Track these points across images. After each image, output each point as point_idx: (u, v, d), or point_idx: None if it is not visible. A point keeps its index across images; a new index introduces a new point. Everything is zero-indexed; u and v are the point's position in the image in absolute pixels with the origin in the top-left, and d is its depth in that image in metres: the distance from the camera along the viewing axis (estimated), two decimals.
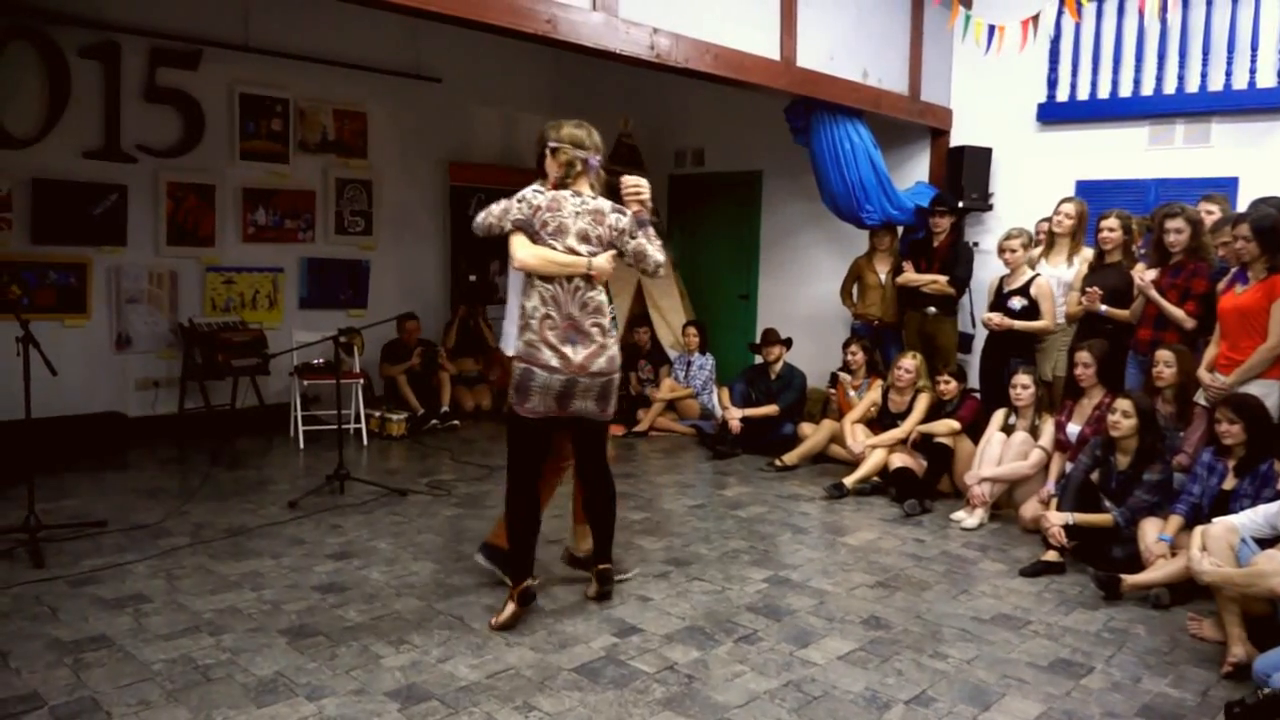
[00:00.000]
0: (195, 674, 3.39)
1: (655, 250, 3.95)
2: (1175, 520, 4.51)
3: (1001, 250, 6.21)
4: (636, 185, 3.99)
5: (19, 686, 3.25)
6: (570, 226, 3.80)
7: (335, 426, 6.30)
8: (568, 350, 3.78)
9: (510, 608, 3.88)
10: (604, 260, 3.83)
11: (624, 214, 3.94)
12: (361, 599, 4.14)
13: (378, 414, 7.60)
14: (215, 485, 5.94)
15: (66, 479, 5.94)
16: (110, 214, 7.06)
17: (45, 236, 6.77)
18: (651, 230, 3.98)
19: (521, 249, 3.75)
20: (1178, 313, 5.20)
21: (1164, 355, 5.07)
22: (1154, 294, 5.26)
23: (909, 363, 6.36)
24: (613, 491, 4.19)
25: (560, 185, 3.87)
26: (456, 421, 7.91)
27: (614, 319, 4.07)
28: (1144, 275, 5.35)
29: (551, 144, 3.88)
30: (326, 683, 3.35)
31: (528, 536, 3.97)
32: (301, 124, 8.04)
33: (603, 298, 3.89)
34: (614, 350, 3.92)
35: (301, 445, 7.12)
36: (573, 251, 3.79)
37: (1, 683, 3.27)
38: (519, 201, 3.80)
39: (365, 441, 7.32)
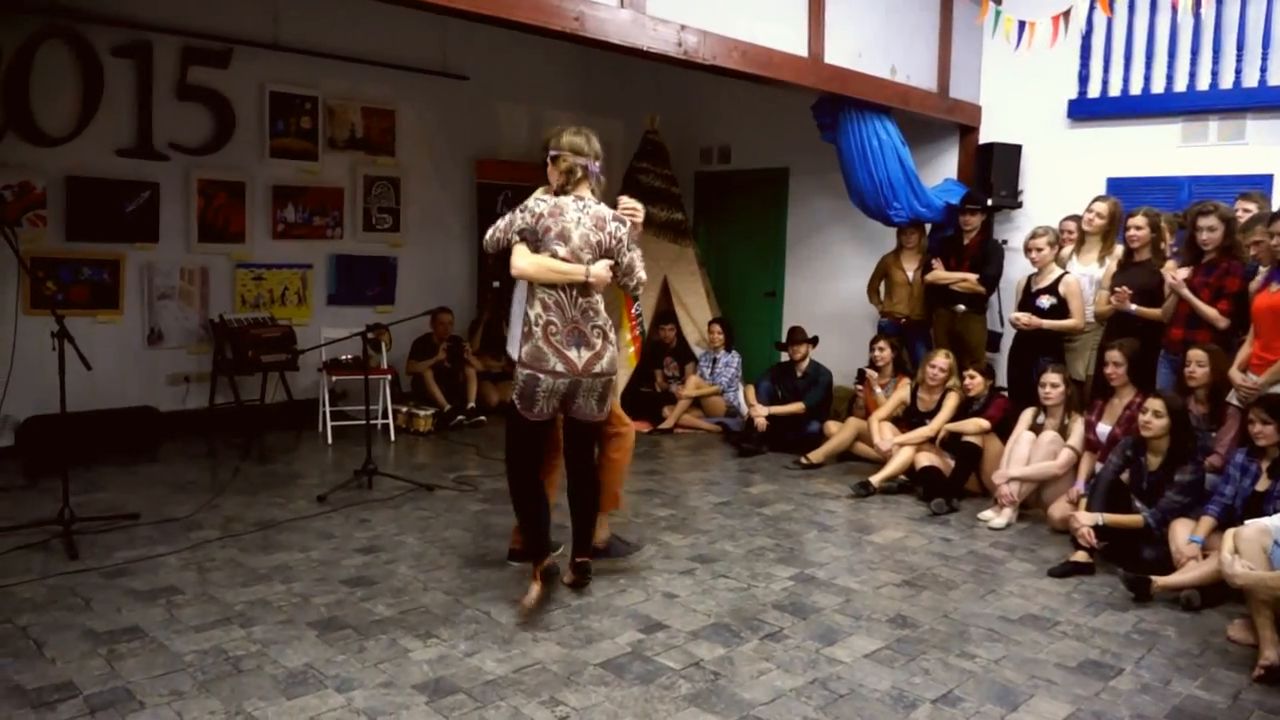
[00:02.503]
0: (226, 665, 3.43)
1: (642, 270, 4.11)
2: (1207, 522, 4.46)
3: (1028, 249, 6.16)
4: (633, 208, 4.09)
5: (54, 676, 3.30)
6: (572, 231, 3.86)
7: (363, 422, 6.35)
8: (571, 354, 3.88)
9: (535, 588, 3.97)
10: (601, 268, 3.89)
11: (624, 223, 4.02)
12: (389, 593, 4.17)
13: (405, 410, 7.65)
14: (245, 479, 6.00)
15: (100, 472, 6.02)
16: (143, 211, 7.15)
17: (79, 233, 6.86)
18: (639, 252, 4.09)
19: (520, 258, 3.82)
20: (1210, 312, 5.14)
21: (1196, 355, 5.02)
22: (1186, 293, 5.20)
23: (942, 361, 6.32)
24: (598, 488, 4.29)
25: (561, 192, 3.95)
26: (483, 417, 7.95)
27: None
28: (1176, 274, 5.29)
29: (552, 152, 3.96)
30: (355, 675, 3.38)
31: (539, 518, 4.11)
32: (330, 122, 8.10)
33: (600, 304, 3.98)
34: (612, 352, 4.03)
35: (330, 440, 7.18)
36: (575, 257, 3.85)
37: (37, 672, 3.32)
38: (521, 211, 3.89)
39: (392, 437, 7.37)
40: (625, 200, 4.12)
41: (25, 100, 6.53)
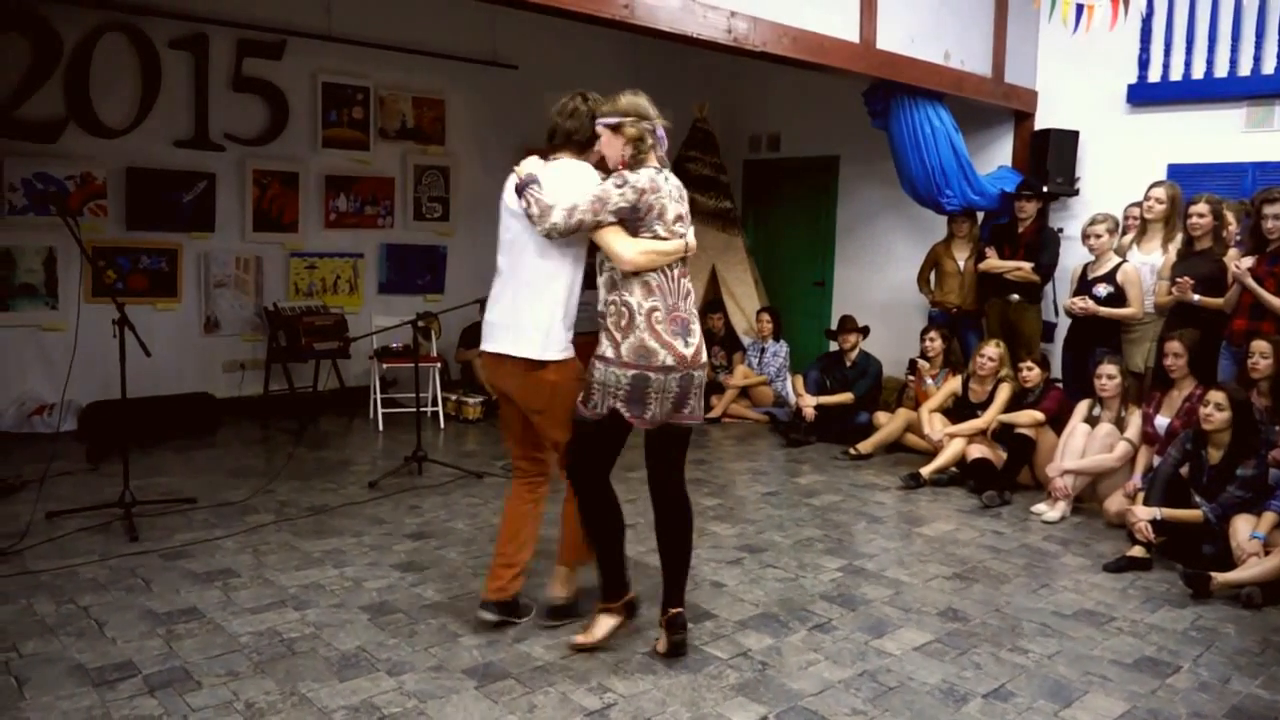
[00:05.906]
0: (281, 647, 3.49)
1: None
2: (1269, 517, 4.34)
3: (1086, 236, 6.04)
4: None
5: (114, 655, 3.38)
6: (669, 207, 3.32)
7: (413, 409, 6.41)
8: (678, 344, 3.29)
9: (608, 622, 3.50)
10: (692, 236, 3.41)
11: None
12: (439, 578, 4.22)
13: (454, 397, 7.72)
14: (298, 465, 6.10)
15: (159, 456, 6.16)
16: (199, 201, 7.28)
17: (138, 223, 7.02)
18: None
19: (626, 248, 3.24)
20: (1276, 302, 5.01)
21: (1260, 346, 4.90)
22: (1250, 282, 5.07)
23: (992, 351, 6.22)
24: (690, 519, 3.54)
25: (632, 165, 3.31)
26: None
27: None
28: (1240, 263, 5.16)
29: (610, 120, 3.32)
30: (406, 659, 3.43)
31: (617, 543, 3.50)
32: (381, 112, 8.17)
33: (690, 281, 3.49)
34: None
35: (380, 427, 7.27)
36: (672, 234, 3.32)
37: (98, 651, 3.41)
38: (619, 187, 3.24)
39: (442, 424, 7.44)
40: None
41: (85, 92, 6.68)
